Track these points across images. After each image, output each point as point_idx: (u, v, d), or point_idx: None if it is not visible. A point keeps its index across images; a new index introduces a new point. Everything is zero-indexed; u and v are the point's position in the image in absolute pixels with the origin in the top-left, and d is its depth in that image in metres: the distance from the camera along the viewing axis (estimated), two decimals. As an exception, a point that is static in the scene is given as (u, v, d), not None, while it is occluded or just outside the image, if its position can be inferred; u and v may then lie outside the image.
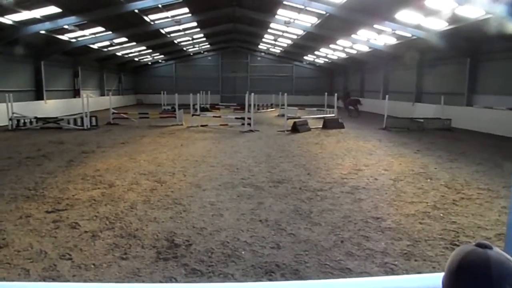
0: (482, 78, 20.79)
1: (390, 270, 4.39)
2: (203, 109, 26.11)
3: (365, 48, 29.82)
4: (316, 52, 38.96)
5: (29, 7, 18.24)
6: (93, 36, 26.83)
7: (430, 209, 6.59)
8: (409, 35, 22.33)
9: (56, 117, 19.67)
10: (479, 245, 1.01)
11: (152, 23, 26.07)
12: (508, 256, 0.98)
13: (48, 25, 20.79)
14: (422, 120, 19.84)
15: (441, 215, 6.31)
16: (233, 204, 6.87)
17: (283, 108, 21.12)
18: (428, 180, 8.80)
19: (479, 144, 14.65)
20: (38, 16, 19.65)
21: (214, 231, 5.54)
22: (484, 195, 7.51)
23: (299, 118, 20.36)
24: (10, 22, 19.27)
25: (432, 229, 5.67)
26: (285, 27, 29.04)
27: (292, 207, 6.72)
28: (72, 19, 20.96)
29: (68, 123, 19.07)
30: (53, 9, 19.23)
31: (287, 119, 18.71)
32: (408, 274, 4.28)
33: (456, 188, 8.01)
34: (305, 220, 6.06)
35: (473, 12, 16.62)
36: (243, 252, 4.83)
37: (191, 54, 46.47)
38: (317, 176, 9.16)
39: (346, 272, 4.35)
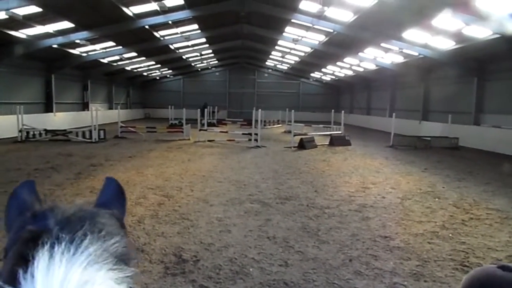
0: (489, 97, 20.78)
1: (400, 291, 4.34)
2: (210, 124, 26.25)
3: (372, 66, 30.03)
4: (323, 69, 39.26)
5: (42, 22, 18.67)
6: (104, 50, 27.33)
7: (438, 229, 6.54)
8: (416, 53, 22.50)
9: (65, 130, 19.89)
10: (502, 267, 0.94)
11: (161, 38, 26.53)
12: None
13: (60, 39, 21.24)
14: (429, 139, 19.79)
15: (450, 235, 6.26)
16: (241, 220, 6.87)
17: (290, 124, 21.20)
18: (436, 199, 8.75)
19: (487, 163, 14.56)
20: (51, 31, 20.07)
21: (222, 247, 5.53)
22: (494, 215, 7.44)
23: (306, 134, 20.40)
24: (24, 36, 19.70)
25: (441, 249, 5.62)
26: (292, 45, 29.37)
27: (299, 224, 6.70)
28: (84, 33, 21.40)
29: (77, 135, 19.26)
30: (66, 24, 19.69)
31: (294, 135, 18.75)
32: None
33: (465, 208, 7.95)
34: (313, 237, 6.04)
35: (480, 32, 16.74)
36: (251, 269, 4.81)
37: (199, 69, 47.03)
38: (325, 193, 9.14)
39: (355, 292, 4.31)
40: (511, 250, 5.59)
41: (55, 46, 22.05)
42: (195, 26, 25.14)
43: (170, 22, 22.53)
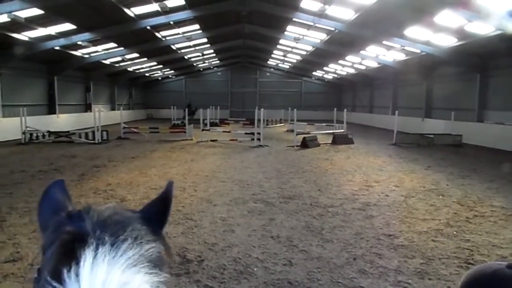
0: (492, 94, 20.70)
1: (404, 289, 4.34)
2: (213, 124, 26.28)
3: (374, 64, 29.96)
4: (325, 68, 39.22)
5: (44, 24, 18.73)
6: (106, 51, 27.38)
7: (443, 227, 6.53)
8: (418, 51, 22.44)
9: (68, 131, 19.98)
10: (510, 266, 0.92)
11: (163, 39, 26.56)
12: None
13: (62, 41, 21.31)
14: (432, 136, 19.73)
15: (455, 233, 6.24)
16: (244, 220, 6.88)
17: (292, 123, 21.18)
18: (440, 196, 8.73)
19: (490, 160, 14.51)
20: (53, 33, 20.14)
21: (226, 247, 5.54)
22: (498, 212, 7.41)
23: (308, 133, 20.38)
24: (26, 39, 19.77)
25: (446, 247, 5.61)
26: (294, 43, 29.34)
27: (303, 223, 6.70)
28: (86, 35, 21.46)
29: (80, 137, 19.32)
30: (68, 26, 19.76)
31: (297, 134, 18.74)
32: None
33: (469, 205, 7.93)
34: (317, 236, 6.04)
35: (483, 28, 16.67)
36: (255, 269, 4.82)
37: (201, 69, 47.05)
38: (328, 192, 9.14)
39: (359, 290, 4.31)
40: (516, 247, 5.57)
41: (57, 48, 22.11)
42: (197, 26, 25.15)
43: (171, 22, 22.55)
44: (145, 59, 32.95)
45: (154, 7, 19.74)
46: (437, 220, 6.90)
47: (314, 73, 44.67)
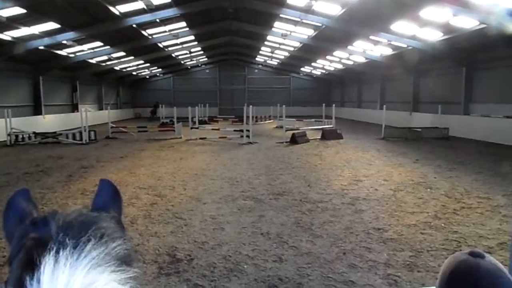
0: (478, 87, 20.97)
1: (394, 282, 4.37)
2: (202, 122, 26.18)
3: (361, 59, 30.10)
4: (313, 64, 39.27)
5: (28, 24, 18.40)
6: (91, 50, 27.02)
7: (431, 219, 6.59)
8: (404, 45, 22.60)
9: (54, 132, 19.71)
10: (472, 253, 1.00)
11: (150, 37, 26.30)
12: (500, 266, 0.99)
13: (47, 40, 20.95)
14: (420, 130, 19.93)
15: (443, 225, 6.31)
16: (234, 217, 6.86)
17: (282, 119, 21.20)
18: (428, 189, 8.81)
19: (477, 152, 14.70)
20: (37, 32, 19.79)
21: (216, 245, 5.51)
22: (485, 204, 7.52)
23: (298, 129, 20.42)
24: (9, 38, 19.40)
25: (434, 239, 5.67)
26: (282, 39, 29.31)
27: (293, 219, 6.71)
28: (71, 34, 21.13)
29: (67, 137, 19.07)
30: (52, 25, 19.42)
31: (286, 130, 18.76)
32: (412, 286, 4.27)
33: (456, 198, 8.02)
34: (307, 232, 6.05)
35: (468, 22, 16.84)
36: (245, 266, 4.81)
37: (189, 67, 46.78)
38: (317, 187, 9.16)
39: (349, 285, 4.33)
40: (502, 238, 5.65)
41: (41, 47, 21.75)
42: (183, 23, 24.95)
43: (157, 20, 22.32)
44: (132, 57, 32.62)
45: (139, 4, 19.53)
46: (425, 213, 6.97)
47: (302, 69, 44.73)
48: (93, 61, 30.13)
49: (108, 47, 26.88)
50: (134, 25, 22.07)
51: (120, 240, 0.67)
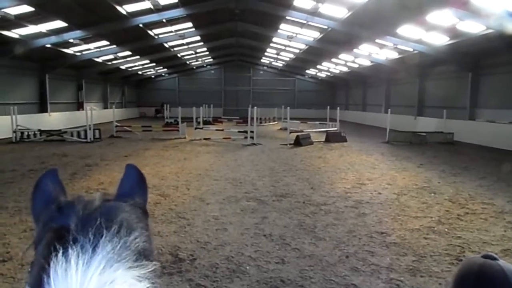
0: (484, 92, 20.87)
1: (396, 287, 4.36)
2: (206, 122, 26.22)
3: (367, 62, 30.04)
4: (318, 66, 39.26)
5: (35, 22, 18.51)
6: (98, 49, 27.15)
7: (434, 224, 6.57)
8: (410, 49, 22.55)
9: (59, 130, 19.77)
10: (487, 256, 1.03)
11: (156, 37, 26.40)
12: None
13: (54, 39, 21.07)
14: (424, 134, 19.86)
15: (446, 230, 6.28)
16: (237, 218, 6.86)
17: (286, 121, 21.19)
18: (432, 194, 8.78)
19: (482, 158, 14.63)
20: (44, 30, 19.92)
21: (219, 246, 5.52)
22: (489, 209, 7.48)
23: (302, 131, 20.40)
24: (16, 36, 19.53)
25: (437, 244, 5.65)
26: (287, 42, 29.33)
27: (296, 221, 6.70)
28: (78, 33, 21.25)
29: (72, 135, 19.15)
30: (59, 24, 19.53)
31: (290, 132, 18.75)
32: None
33: (460, 203, 7.99)
34: (310, 234, 6.04)
35: (475, 27, 16.78)
36: (247, 267, 4.81)
37: (194, 67, 46.89)
38: (321, 190, 9.15)
39: (351, 288, 4.32)
40: (506, 244, 5.63)
41: (48, 45, 21.87)
42: (190, 24, 25.03)
43: (164, 20, 22.41)
44: (138, 57, 32.74)
45: (146, 4, 19.59)
46: (429, 218, 6.94)
47: (307, 71, 44.72)
48: (99, 60, 30.27)
49: (114, 46, 27.00)
50: (141, 25, 22.16)
51: (140, 231, 0.67)
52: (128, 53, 30.46)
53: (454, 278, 1.07)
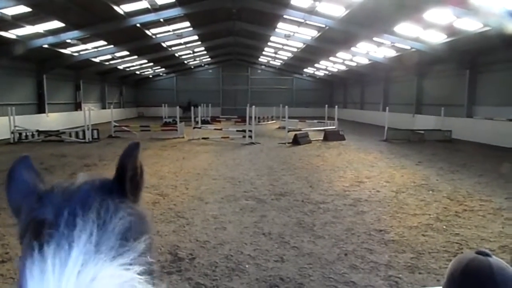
0: (481, 90, 20.92)
1: (395, 284, 4.38)
2: (204, 122, 26.21)
3: (364, 61, 30.07)
4: (316, 65, 39.26)
5: (32, 22, 18.47)
6: (95, 49, 27.09)
7: (433, 221, 6.59)
8: (408, 47, 22.56)
9: (57, 130, 19.75)
10: (479, 253, 1.05)
11: (153, 37, 26.36)
12: (506, 263, 1.03)
13: (51, 39, 21.02)
14: (422, 132, 19.90)
15: (444, 227, 6.31)
16: (236, 217, 6.88)
17: (284, 120, 21.21)
18: (430, 192, 8.81)
19: (480, 155, 14.67)
20: (41, 31, 19.87)
21: (218, 245, 5.53)
22: (487, 206, 7.51)
23: (300, 130, 20.42)
24: (13, 37, 19.48)
25: (436, 241, 5.67)
26: (285, 40, 29.33)
27: (295, 220, 6.72)
28: (75, 33, 21.20)
29: (70, 136, 19.13)
30: (56, 24, 19.49)
31: (288, 131, 18.77)
32: None
33: (459, 200, 8.02)
34: (308, 233, 6.06)
35: (472, 24, 16.81)
36: (247, 266, 4.83)
37: (192, 67, 46.82)
38: (319, 188, 9.17)
39: (350, 286, 4.35)
40: (503, 241, 5.65)
41: (46, 46, 21.82)
42: (187, 23, 25.00)
43: (161, 20, 22.38)
44: (136, 57, 32.69)
45: (143, 4, 19.57)
46: (427, 215, 6.97)
47: (305, 70, 44.71)
48: (97, 60, 30.21)
49: (111, 46, 26.94)
50: (138, 25, 22.11)
51: (122, 212, 0.62)
52: (126, 53, 30.41)
53: (447, 273, 1.09)
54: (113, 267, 0.54)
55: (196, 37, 30.00)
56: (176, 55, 36.27)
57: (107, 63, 32.13)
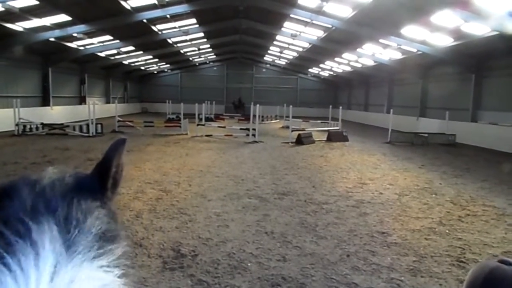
0: (487, 94, 20.84)
1: (397, 286, 4.37)
2: (208, 119, 26.24)
3: (370, 62, 30.00)
4: (321, 65, 39.21)
5: (40, 15, 18.53)
6: (101, 44, 27.17)
7: (435, 225, 6.58)
8: (414, 50, 22.50)
9: (62, 124, 19.82)
10: (502, 261, 1.01)
11: (159, 32, 26.41)
12: None
13: (57, 32, 21.09)
14: (426, 135, 19.83)
15: (447, 231, 6.29)
16: (239, 215, 6.88)
17: (288, 119, 21.19)
18: (433, 195, 8.79)
19: (483, 160, 14.62)
20: (48, 24, 19.93)
21: (220, 242, 5.54)
22: (490, 212, 7.49)
23: (304, 130, 20.40)
24: (20, 29, 19.55)
25: (438, 245, 5.66)
26: (291, 40, 29.30)
27: (297, 219, 6.72)
28: (82, 27, 21.26)
29: (74, 129, 19.19)
30: (63, 17, 19.55)
31: (292, 131, 18.76)
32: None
33: (462, 204, 7.99)
34: (311, 233, 6.06)
35: (479, 29, 16.75)
36: (249, 264, 4.83)
37: (197, 64, 46.86)
38: (322, 189, 9.16)
39: (352, 287, 4.34)
40: (507, 246, 5.64)
41: (52, 39, 21.89)
42: (193, 20, 25.02)
43: (168, 16, 22.41)
44: (141, 52, 32.75)
45: (151, 0, 19.61)
46: (430, 219, 6.95)
47: (310, 70, 44.65)
48: (102, 54, 30.30)
49: (117, 41, 27.01)
50: (145, 20, 22.17)
51: (98, 212, 0.57)
52: (131, 48, 30.48)
53: (466, 279, 1.07)
54: (92, 269, 0.50)
55: (202, 34, 30.02)
56: (182, 51, 36.32)
57: (112, 58, 32.21)
